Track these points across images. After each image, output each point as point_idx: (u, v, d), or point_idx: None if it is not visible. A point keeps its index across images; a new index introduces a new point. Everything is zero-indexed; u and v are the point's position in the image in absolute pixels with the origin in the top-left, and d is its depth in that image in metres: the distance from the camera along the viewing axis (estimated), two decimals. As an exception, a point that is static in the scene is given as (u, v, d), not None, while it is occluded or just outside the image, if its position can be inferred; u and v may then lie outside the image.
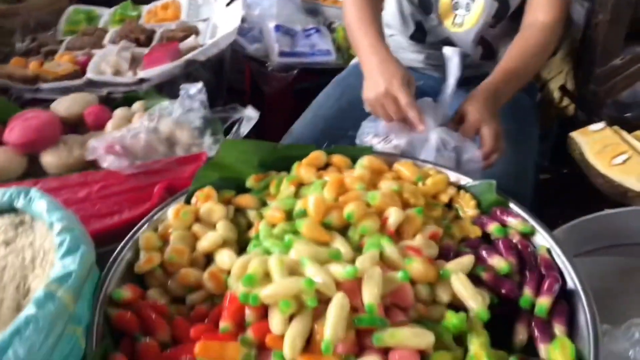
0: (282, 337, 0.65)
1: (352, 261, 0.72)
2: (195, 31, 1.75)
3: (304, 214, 0.81)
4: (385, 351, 0.65)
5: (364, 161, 0.93)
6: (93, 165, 1.19)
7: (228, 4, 1.85)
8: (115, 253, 0.80)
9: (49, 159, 1.21)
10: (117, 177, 1.11)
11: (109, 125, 1.30)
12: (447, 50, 1.05)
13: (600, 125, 1.17)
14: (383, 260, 0.74)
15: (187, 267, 0.80)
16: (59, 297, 0.62)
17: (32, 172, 1.22)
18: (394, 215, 0.79)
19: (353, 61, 1.47)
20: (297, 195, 0.89)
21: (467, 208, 0.89)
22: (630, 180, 1.07)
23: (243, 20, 1.77)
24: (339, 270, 0.69)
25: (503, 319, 0.73)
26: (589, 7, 1.29)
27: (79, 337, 0.65)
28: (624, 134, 1.16)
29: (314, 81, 1.48)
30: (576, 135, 1.18)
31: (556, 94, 1.41)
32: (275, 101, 1.68)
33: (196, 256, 0.82)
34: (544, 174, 1.32)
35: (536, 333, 0.70)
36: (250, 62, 1.71)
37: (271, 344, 0.66)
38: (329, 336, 0.63)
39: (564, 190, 1.28)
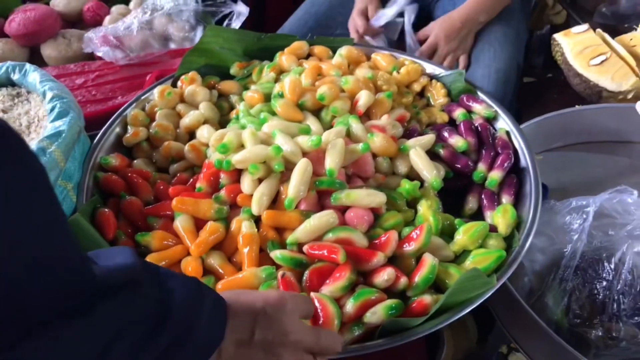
0: (251, 196, 0.72)
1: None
2: None
3: (281, 96, 0.86)
4: (343, 211, 0.72)
5: (343, 50, 0.97)
6: (92, 58, 1.24)
7: None
8: (105, 127, 0.87)
9: (49, 51, 1.26)
10: (112, 67, 1.16)
11: (106, 20, 1.34)
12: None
13: (583, 27, 1.18)
14: (349, 137, 0.80)
15: (172, 140, 0.86)
16: (50, 152, 0.69)
17: (34, 63, 1.27)
18: (363, 98, 0.84)
19: None
20: (277, 81, 0.94)
21: (438, 96, 0.93)
22: (606, 80, 1.09)
23: None
24: (305, 140, 0.75)
25: (459, 191, 0.80)
26: None
27: (69, 191, 0.73)
28: (607, 36, 1.18)
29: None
30: (559, 36, 1.19)
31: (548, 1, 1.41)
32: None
33: (180, 132, 0.88)
34: (528, 77, 1.35)
35: (484, 202, 0.76)
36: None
37: (241, 202, 0.73)
38: (291, 194, 0.70)
39: (546, 94, 1.30)
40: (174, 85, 0.96)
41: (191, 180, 0.80)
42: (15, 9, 1.31)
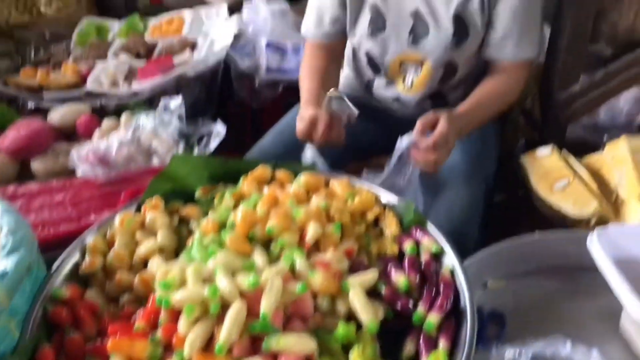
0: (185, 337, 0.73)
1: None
2: (193, 46, 1.85)
3: (233, 225, 0.89)
4: (276, 356, 0.72)
5: (301, 178, 1.00)
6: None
7: (230, 14, 1.96)
8: (63, 255, 0.90)
9: (37, 165, 1.33)
10: (92, 184, 1.22)
11: (96, 134, 1.41)
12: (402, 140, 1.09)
13: (547, 150, 1.21)
14: (294, 272, 0.82)
15: (126, 271, 0.89)
16: (-7, 293, 0.72)
17: (24, 176, 1.34)
18: (311, 230, 0.87)
19: None
20: (236, 207, 0.97)
21: (390, 226, 0.95)
22: (567, 206, 1.10)
23: (239, 36, 1.86)
24: (244, 280, 0.77)
25: (400, 332, 0.80)
26: (550, 32, 1.33)
27: (11, 329, 0.75)
28: (571, 159, 1.20)
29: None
30: (524, 159, 1.22)
31: (521, 118, 1.45)
32: (264, 116, 1.77)
33: (135, 261, 0.91)
34: (501, 194, 1.36)
35: (421, 347, 0.76)
36: (241, 78, 1.80)
37: (176, 344, 0.74)
38: (222, 339, 0.71)
39: (517, 212, 1.31)
40: (139, 208, 1.00)
41: (138, 312, 0.82)
42: (11, 125, 1.40)
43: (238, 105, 1.81)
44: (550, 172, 1.17)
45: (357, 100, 1.22)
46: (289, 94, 1.72)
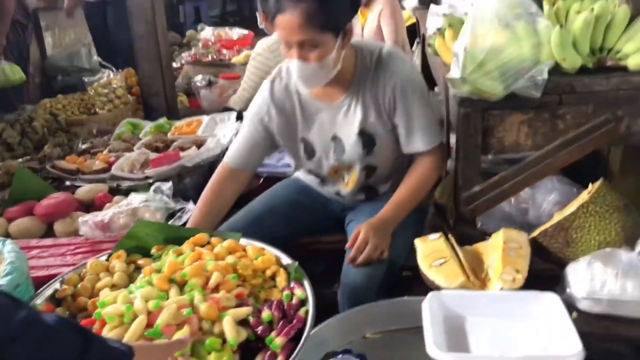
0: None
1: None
2: (201, 144, 2.31)
3: (161, 271, 1.25)
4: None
5: (225, 243, 1.36)
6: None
7: (237, 119, 2.43)
8: (48, 284, 1.29)
9: (58, 227, 1.76)
10: (90, 242, 1.63)
11: (107, 205, 1.85)
12: None
13: (436, 235, 1.50)
14: (193, 303, 1.16)
15: (86, 297, 1.26)
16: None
17: (47, 234, 1.78)
18: (213, 277, 1.21)
19: (292, 176, 1.92)
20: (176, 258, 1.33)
21: (281, 280, 1.28)
22: (440, 279, 1.38)
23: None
24: (151, 303, 1.12)
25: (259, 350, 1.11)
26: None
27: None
28: (454, 243, 1.48)
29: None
30: (417, 241, 1.51)
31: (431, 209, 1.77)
32: (244, 200, 2.16)
33: (95, 291, 1.28)
34: (407, 272, 1.64)
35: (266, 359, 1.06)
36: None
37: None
38: (125, 338, 1.05)
39: (410, 285, 1.59)
40: (109, 257, 1.38)
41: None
42: (47, 196, 1.86)
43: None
44: (433, 252, 1.45)
45: (313, 190, 1.68)
46: (268, 183, 2.12)
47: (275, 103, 1.64)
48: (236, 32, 4.09)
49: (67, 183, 2.09)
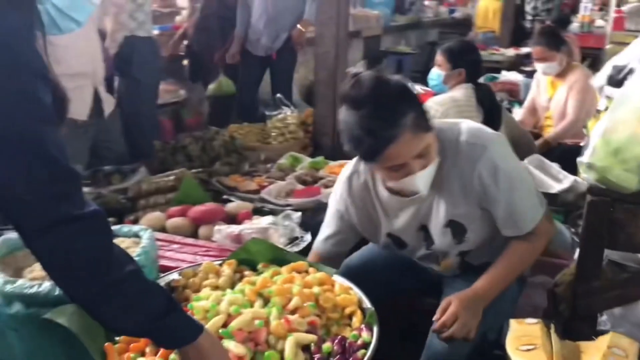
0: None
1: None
2: (344, 184, 2.47)
3: (254, 285, 1.41)
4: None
5: (317, 275, 1.47)
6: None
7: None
8: (169, 273, 1.52)
9: (202, 231, 2.04)
10: (220, 249, 1.86)
11: (244, 222, 2.09)
12: None
13: (534, 320, 1.40)
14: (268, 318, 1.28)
15: (192, 291, 1.46)
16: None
17: (194, 235, 2.06)
18: (293, 301, 1.33)
19: None
20: (272, 276, 1.48)
21: (356, 321, 1.34)
22: (520, 364, 1.30)
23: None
24: (234, 307, 1.27)
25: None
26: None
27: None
28: (553, 334, 1.37)
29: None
30: (513, 321, 1.43)
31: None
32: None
33: (202, 287, 1.48)
34: (499, 351, 1.55)
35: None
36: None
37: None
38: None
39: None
40: (223, 263, 1.59)
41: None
42: (201, 204, 2.17)
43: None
44: (525, 336, 1.37)
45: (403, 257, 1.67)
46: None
47: (353, 200, 1.61)
48: (417, 89, 4.24)
49: (224, 197, 2.40)
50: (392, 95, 1.36)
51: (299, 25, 4.05)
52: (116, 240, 1.51)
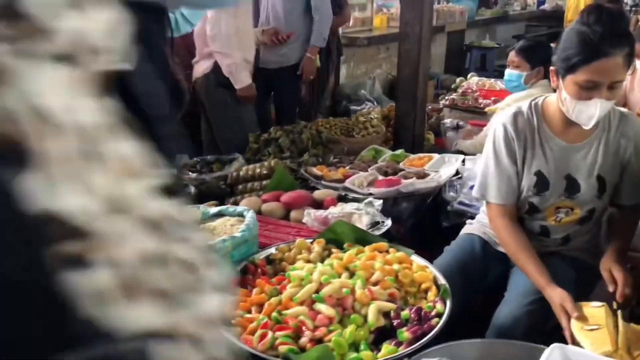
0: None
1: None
2: (423, 177, 2.62)
3: (341, 260, 1.61)
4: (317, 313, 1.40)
5: (397, 254, 1.65)
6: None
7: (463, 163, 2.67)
8: (267, 247, 1.76)
9: (293, 214, 2.27)
10: (310, 230, 2.08)
11: (330, 207, 2.29)
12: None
13: (598, 303, 1.49)
14: (354, 287, 1.48)
15: (288, 264, 1.69)
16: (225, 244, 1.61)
17: (286, 218, 2.30)
18: (375, 274, 1.52)
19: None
20: (357, 254, 1.67)
21: (432, 297, 1.51)
22: (586, 342, 1.40)
23: (459, 175, 2.56)
24: (324, 277, 1.48)
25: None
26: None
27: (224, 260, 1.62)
28: (620, 317, 1.46)
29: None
30: (578, 304, 1.53)
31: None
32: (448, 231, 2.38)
33: (296, 261, 1.70)
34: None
35: (392, 346, 1.32)
36: (442, 204, 2.47)
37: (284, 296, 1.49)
38: (298, 295, 1.43)
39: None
40: (313, 241, 1.80)
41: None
42: (292, 191, 2.40)
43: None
44: (590, 317, 1.48)
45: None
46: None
47: (518, 135, 1.74)
48: (499, 84, 4.27)
49: (311, 184, 2.62)
50: (624, 27, 1.62)
51: (308, 54, 3.78)
52: (222, 219, 1.77)
